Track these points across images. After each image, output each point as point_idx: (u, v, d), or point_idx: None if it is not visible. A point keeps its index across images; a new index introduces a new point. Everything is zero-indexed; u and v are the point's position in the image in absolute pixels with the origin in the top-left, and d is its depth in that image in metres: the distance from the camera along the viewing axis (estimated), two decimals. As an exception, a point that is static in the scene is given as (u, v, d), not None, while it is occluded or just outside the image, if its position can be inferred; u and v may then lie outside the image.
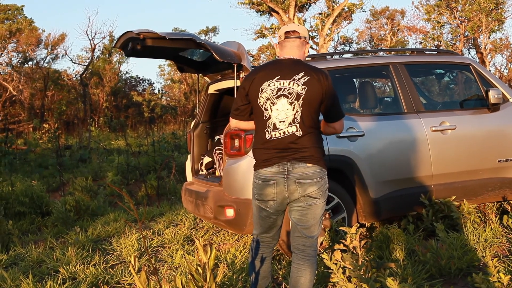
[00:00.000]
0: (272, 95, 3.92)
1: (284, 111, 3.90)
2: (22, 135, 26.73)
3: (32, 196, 9.16)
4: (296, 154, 3.90)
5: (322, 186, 3.94)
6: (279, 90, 3.91)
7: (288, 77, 3.92)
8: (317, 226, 3.99)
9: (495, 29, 26.60)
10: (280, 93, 3.90)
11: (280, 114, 3.91)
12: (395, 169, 5.94)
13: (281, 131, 3.92)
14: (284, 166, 3.91)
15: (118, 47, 6.08)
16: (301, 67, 3.95)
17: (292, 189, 3.91)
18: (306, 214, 3.95)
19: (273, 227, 4.15)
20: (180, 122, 33.17)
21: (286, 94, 3.89)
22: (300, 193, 3.90)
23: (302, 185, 3.89)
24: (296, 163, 3.89)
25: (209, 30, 42.43)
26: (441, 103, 8.40)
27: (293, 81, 3.90)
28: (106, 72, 37.74)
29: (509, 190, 6.45)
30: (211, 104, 7.01)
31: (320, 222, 4.00)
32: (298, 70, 3.93)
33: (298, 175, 3.88)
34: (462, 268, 4.88)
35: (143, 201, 10.40)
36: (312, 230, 3.98)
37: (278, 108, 3.91)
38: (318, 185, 3.90)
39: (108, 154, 16.96)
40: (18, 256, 6.59)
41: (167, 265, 5.91)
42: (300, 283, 3.95)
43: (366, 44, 40.13)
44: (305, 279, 3.96)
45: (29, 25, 36.03)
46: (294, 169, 3.89)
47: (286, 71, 3.95)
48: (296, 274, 3.98)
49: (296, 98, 3.87)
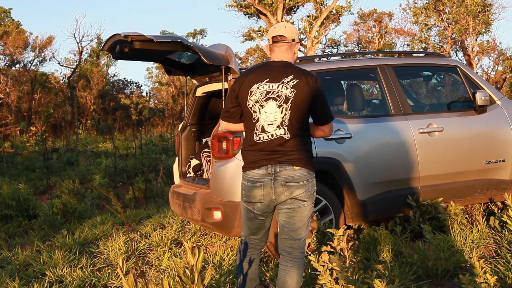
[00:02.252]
0: (261, 98, 3.91)
1: (272, 114, 3.90)
2: (9, 138, 26.55)
3: (19, 199, 9.10)
4: (283, 156, 3.89)
5: (310, 189, 3.93)
6: (268, 93, 3.90)
7: (277, 80, 3.91)
8: (304, 229, 3.99)
9: (482, 31, 26.81)
10: (269, 96, 3.90)
11: (269, 116, 3.90)
12: (383, 171, 5.95)
13: (269, 133, 3.91)
14: (272, 168, 3.90)
15: (105, 50, 6.06)
16: (290, 70, 3.95)
17: (279, 192, 3.90)
18: (293, 216, 3.95)
19: (261, 229, 4.14)
20: (168, 125, 33.15)
21: (275, 97, 3.88)
22: (287, 195, 3.90)
23: (289, 188, 3.89)
24: (284, 166, 3.89)
25: (197, 32, 42.48)
26: (429, 105, 8.44)
27: (282, 84, 3.89)
28: (93, 75, 37.63)
29: (496, 191, 6.49)
30: (199, 107, 7.01)
31: (307, 224, 4.00)
32: (288, 73, 3.92)
33: (285, 178, 3.88)
34: (449, 269, 4.90)
35: (130, 203, 10.36)
36: (299, 232, 3.98)
37: (266, 111, 3.91)
38: (305, 188, 3.90)
39: (96, 157, 16.89)
40: (4, 260, 6.55)
41: (154, 267, 5.89)
42: (287, 285, 3.95)
43: (354, 47, 40.29)
44: (292, 280, 3.95)
45: (17, 27, 35.86)
46: (281, 172, 3.89)
47: (275, 74, 3.94)
48: (283, 275, 3.97)
49: (285, 101, 3.87)
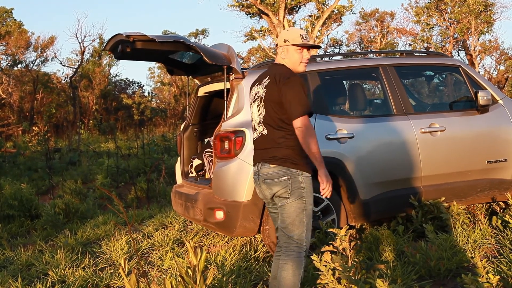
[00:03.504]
0: (251, 100, 4.30)
1: (256, 113, 4.23)
2: (12, 138, 26.60)
3: (21, 199, 9.11)
4: (264, 154, 4.14)
5: (290, 186, 4.03)
6: (255, 94, 4.26)
7: (261, 82, 4.23)
8: (295, 225, 4.08)
9: (484, 31, 26.73)
10: (255, 97, 4.25)
11: (254, 116, 4.25)
12: (385, 170, 5.95)
13: (257, 131, 4.24)
14: (257, 166, 4.21)
15: (107, 50, 6.07)
16: (272, 70, 4.21)
17: (263, 189, 4.18)
18: (282, 213, 4.11)
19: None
20: (170, 125, 33.12)
21: (257, 98, 4.21)
22: (270, 192, 4.13)
23: (268, 185, 4.12)
24: (263, 164, 4.14)
25: (199, 32, 42.41)
26: (431, 104, 8.44)
27: (261, 85, 4.20)
28: (95, 75, 37.60)
29: (498, 191, 6.48)
30: (201, 107, 7.01)
31: (298, 221, 4.08)
32: (268, 74, 4.20)
33: (263, 176, 4.13)
34: (451, 269, 4.89)
35: (132, 203, 10.36)
36: (290, 229, 4.08)
37: (253, 111, 4.27)
38: (282, 185, 4.04)
39: (98, 156, 16.88)
40: (7, 259, 6.56)
41: (156, 267, 5.90)
42: (281, 277, 4.04)
43: (356, 46, 40.23)
44: (286, 273, 4.03)
45: (19, 27, 35.84)
46: (261, 170, 4.15)
47: (262, 76, 4.27)
48: (278, 268, 4.11)
49: (261, 101, 4.17)
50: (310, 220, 4.14)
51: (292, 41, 4.16)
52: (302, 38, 4.16)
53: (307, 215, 4.09)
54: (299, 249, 4.08)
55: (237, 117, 5.62)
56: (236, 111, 5.67)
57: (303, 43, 4.16)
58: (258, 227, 5.51)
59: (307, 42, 4.18)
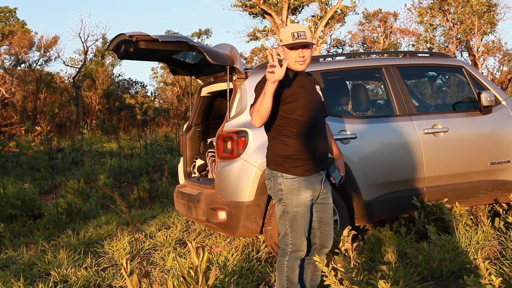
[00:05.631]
0: None
1: None
2: (14, 138, 26.62)
3: (24, 198, 9.12)
4: None
5: (272, 187, 4.10)
6: None
7: None
8: (279, 227, 4.13)
9: (488, 31, 26.71)
10: None
11: None
12: (388, 171, 5.94)
13: None
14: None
15: (110, 50, 6.07)
16: None
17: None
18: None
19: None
20: (172, 125, 33.16)
21: None
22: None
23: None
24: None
25: (202, 32, 42.47)
26: (434, 105, 8.42)
27: None
28: (98, 75, 37.68)
29: (501, 192, 6.46)
30: (203, 107, 7.01)
31: (281, 223, 4.08)
32: None
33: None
34: (453, 271, 4.88)
35: (135, 203, 10.37)
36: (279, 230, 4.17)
37: None
38: (268, 186, 4.14)
39: (101, 156, 16.91)
40: (9, 259, 6.57)
41: (159, 268, 5.90)
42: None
43: (359, 47, 40.23)
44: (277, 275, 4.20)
45: (22, 27, 35.94)
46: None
47: None
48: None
49: None
50: (296, 223, 4.01)
51: (284, 41, 3.99)
52: (294, 36, 3.93)
53: (289, 218, 4.00)
54: (282, 251, 4.07)
55: (240, 117, 5.62)
56: (239, 112, 5.67)
57: (293, 43, 3.94)
58: (260, 227, 5.51)
59: (297, 41, 3.94)
